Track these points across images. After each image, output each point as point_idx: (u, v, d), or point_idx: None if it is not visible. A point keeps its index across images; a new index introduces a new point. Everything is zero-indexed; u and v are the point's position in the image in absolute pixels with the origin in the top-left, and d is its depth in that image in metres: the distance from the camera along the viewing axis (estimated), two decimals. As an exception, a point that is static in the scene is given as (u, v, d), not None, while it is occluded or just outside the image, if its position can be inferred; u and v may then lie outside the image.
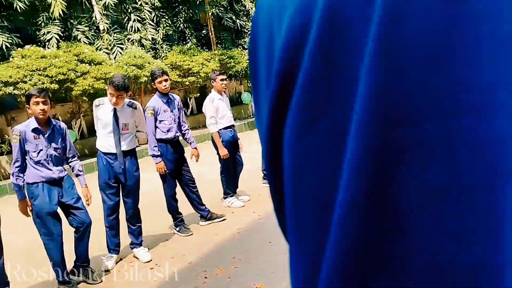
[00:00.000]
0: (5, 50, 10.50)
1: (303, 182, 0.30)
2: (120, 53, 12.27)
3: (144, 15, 13.20)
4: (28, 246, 4.93)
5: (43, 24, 11.28)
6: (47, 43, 11.21)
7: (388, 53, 0.24)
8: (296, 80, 0.29)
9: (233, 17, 15.63)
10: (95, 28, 12.29)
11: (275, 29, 0.32)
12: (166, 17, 14.08)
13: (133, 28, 12.96)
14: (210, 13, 14.45)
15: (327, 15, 0.27)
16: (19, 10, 10.53)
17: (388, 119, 0.25)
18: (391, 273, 0.26)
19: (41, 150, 3.77)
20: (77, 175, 4.09)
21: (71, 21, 11.84)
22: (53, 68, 9.63)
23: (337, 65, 0.27)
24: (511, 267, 0.22)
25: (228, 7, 15.60)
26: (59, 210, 3.87)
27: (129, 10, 13.04)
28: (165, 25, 13.95)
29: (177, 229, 5.01)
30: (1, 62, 10.10)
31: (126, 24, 12.98)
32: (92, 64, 10.48)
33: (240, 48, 15.72)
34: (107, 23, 12.28)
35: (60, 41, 11.26)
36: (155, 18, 13.63)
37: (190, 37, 14.62)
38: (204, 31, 15.27)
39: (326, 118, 0.28)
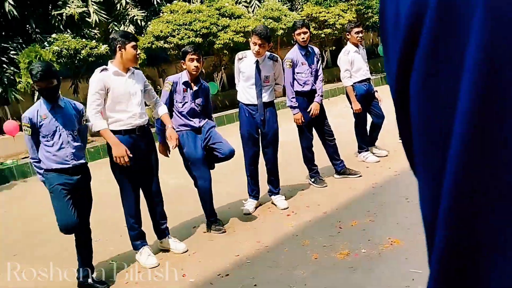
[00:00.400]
0: (156, 6, 11.38)
1: (428, 117, 0.36)
2: (258, 6, 12.51)
3: (282, -34, 13.17)
4: (179, 186, 5.51)
5: (188, -21, 11.92)
6: (192, -2, 11.87)
7: (492, 17, 0.30)
8: (420, 34, 0.35)
9: (373, -36, 14.83)
10: (235, -19, 12.63)
11: None
12: (303, -32, 13.89)
13: (271, -20, 13.04)
14: (348, -39, 13.89)
15: None
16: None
17: (495, 63, 0.30)
18: (497, 193, 0.31)
19: (186, 102, 4.13)
20: None
21: (213, -25, 12.31)
22: (197, 23, 10.22)
23: (453, 23, 0.32)
24: None
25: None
26: None
27: (267, -38, 13.11)
28: (301, -24, 13.79)
29: (312, 180, 5.17)
30: (153, 18, 10.99)
31: (264, -23, 13.11)
32: (232, 18, 10.88)
33: (379, -3, 14.95)
34: (246, -24, 12.54)
35: (203, -5, 11.84)
36: (292, -31, 13.54)
37: (327, -13, 14.28)
38: (341, -20, 14.77)
39: (446, 66, 0.34)
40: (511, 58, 0.30)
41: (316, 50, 5.21)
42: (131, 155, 3.53)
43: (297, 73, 4.99)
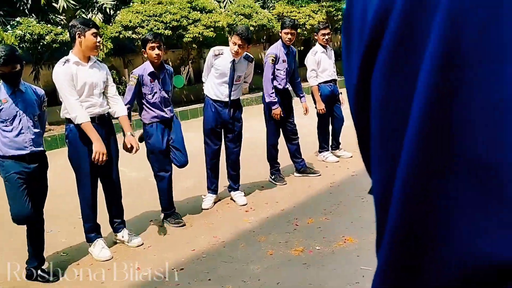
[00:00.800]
0: (126, -5, 11.21)
1: (388, 109, 0.40)
2: (230, 1, 12.49)
3: (255, -37, 13.17)
4: (138, 179, 5.47)
5: (160, -30, 11.77)
6: (163, -11, 11.72)
7: (452, 19, 0.34)
8: (384, 36, 0.39)
9: (345, -33, 15.02)
10: (208, -25, 12.56)
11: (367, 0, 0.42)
12: (277, -34, 13.94)
13: (244, -23, 13.04)
14: (321, -38, 14.02)
15: None
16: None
17: (449, 61, 0.34)
18: (446, 173, 0.35)
19: (156, 92, 4.08)
20: None
21: (186, -32, 12.19)
22: (168, 15, 10.11)
23: (415, 24, 0.37)
24: None
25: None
26: None
27: (241, -42, 13.09)
28: (275, -26, 13.83)
29: (273, 177, 5.22)
30: (123, 7, 10.82)
31: (237, -28, 13.09)
32: (204, 12, 10.81)
33: None
34: (219, -29, 12.48)
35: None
36: (265, -34, 13.56)
37: (299, -13, 14.39)
38: (314, -19, 14.91)
39: (407, 62, 0.38)
40: (468, 58, 0.33)
41: (295, 50, 5.30)
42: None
43: (277, 69, 5.04)
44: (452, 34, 0.34)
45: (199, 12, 10.71)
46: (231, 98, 4.51)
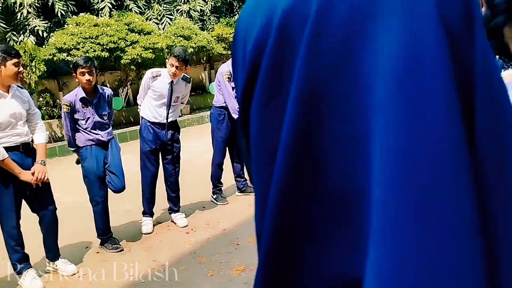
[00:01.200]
0: (60, 17, 10.90)
1: (261, 139, 0.44)
2: (169, 23, 12.46)
3: (194, -14, 13.28)
4: (74, 205, 5.26)
5: (97, -8, 11.59)
6: (100, 12, 11.54)
7: (311, 58, 0.38)
8: (259, 71, 0.43)
9: (282, -10, 15.47)
10: (146, -2, 12.51)
11: (248, 38, 0.46)
12: (215, -11, 14.11)
13: (183, -1, 13.10)
14: (259, -14, 14.36)
15: (279, 32, 0.41)
16: (74, -21, 10.83)
17: (310, 96, 0.38)
18: (309, 200, 0.39)
19: (89, 118, 3.96)
20: None
21: (123, -10, 12.09)
22: (104, 37, 9.92)
23: (283, 62, 0.41)
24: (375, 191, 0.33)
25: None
26: None
27: (179, -19, 13.15)
28: (214, -3, 13.99)
29: (214, 197, 5.19)
30: (57, 29, 10.52)
31: (176, -5, 13.13)
32: (142, 33, 10.72)
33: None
34: (157, -7, 12.46)
35: (113, 10, 11.56)
36: (204, -11, 13.69)
37: (238, 10, 14.63)
38: (252, 4, 15.24)
39: (277, 97, 0.41)
40: (325, 93, 0.36)
41: None
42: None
43: (232, 87, 5.02)
44: (311, 70, 0.37)
45: (137, 34, 10.61)
46: (169, 119, 4.48)
